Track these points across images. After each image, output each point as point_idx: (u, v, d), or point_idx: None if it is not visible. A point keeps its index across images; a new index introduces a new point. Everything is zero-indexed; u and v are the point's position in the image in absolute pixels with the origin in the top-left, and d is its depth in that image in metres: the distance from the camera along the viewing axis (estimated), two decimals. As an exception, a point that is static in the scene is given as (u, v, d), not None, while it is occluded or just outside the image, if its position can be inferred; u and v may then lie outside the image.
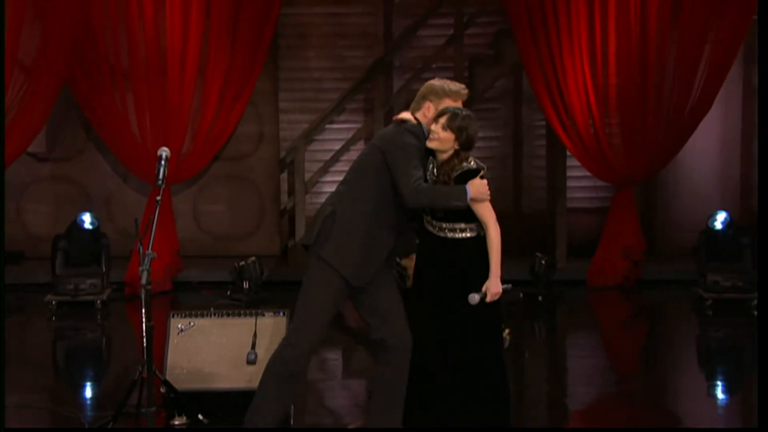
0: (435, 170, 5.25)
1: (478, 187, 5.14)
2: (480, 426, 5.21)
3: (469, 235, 5.21)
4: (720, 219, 9.31)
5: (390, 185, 5.16)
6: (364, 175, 5.24)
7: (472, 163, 5.19)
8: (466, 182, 5.11)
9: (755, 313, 8.72)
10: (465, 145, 5.18)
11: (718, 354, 8.05)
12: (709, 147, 10.75)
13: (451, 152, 5.18)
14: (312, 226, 5.27)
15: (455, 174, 5.15)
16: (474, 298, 5.10)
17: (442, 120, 5.16)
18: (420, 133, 5.24)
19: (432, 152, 5.26)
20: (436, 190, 5.13)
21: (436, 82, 5.38)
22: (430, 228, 5.27)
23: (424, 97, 5.32)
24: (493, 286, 5.11)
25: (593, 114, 9.79)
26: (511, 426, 5.34)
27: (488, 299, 5.12)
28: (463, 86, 5.38)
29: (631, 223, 10.05)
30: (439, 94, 5.29)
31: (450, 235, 5.21)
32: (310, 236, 5.22)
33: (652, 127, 9.81)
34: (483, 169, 5.20)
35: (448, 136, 5.15)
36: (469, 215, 5.17)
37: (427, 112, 5.28)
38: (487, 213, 5.15)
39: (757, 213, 5.69)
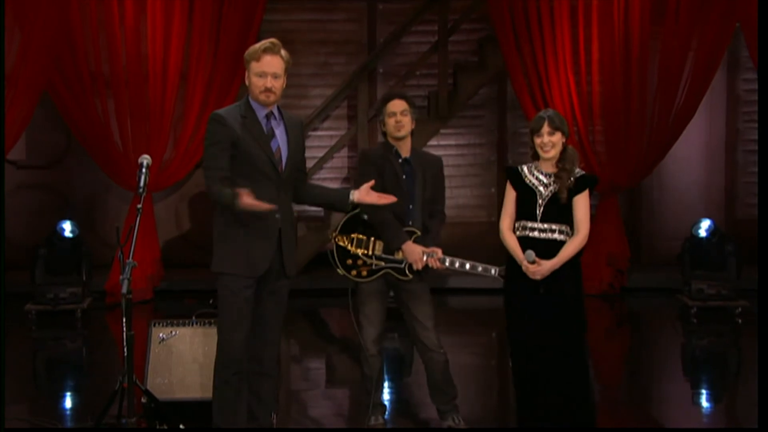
0: (539, 175, 5.19)
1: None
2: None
3: (563, 237, 5.11)
4: (704, 227, 9.29)
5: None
6: None
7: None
8: (587, 186, 5.08)
9: (739, 320, 8.74)
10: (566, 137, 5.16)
11: (703, 362, 8.03)
12: (693, 155, 10.77)
13: (560, 149, 5.11)
14: None
15: (578, 176, 5.11)
16: (531, 254, 5.06)
17: (543, 129, 5.07)
18: (225, 113, 4.97)
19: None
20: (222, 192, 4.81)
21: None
22: (527, 232, 5.17)
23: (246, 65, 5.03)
24: (541, 270, 5.05)
25: (577, 121, 9.77)
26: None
27: (525, 268, 5.09)
28: (263, 43, 4.98)
29: (615, 231, 10.04)
30: (247, 60, 4.99)
31: (543, 236, 5.12)
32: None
33: (636, 134, 9.81)
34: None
35: (559, 138, 5.08)
36: (568, 218, 5.09)
37: (247, 80, 5.02)
38: (584, 218, 5.08)
39: (758, 210, 5.67)
